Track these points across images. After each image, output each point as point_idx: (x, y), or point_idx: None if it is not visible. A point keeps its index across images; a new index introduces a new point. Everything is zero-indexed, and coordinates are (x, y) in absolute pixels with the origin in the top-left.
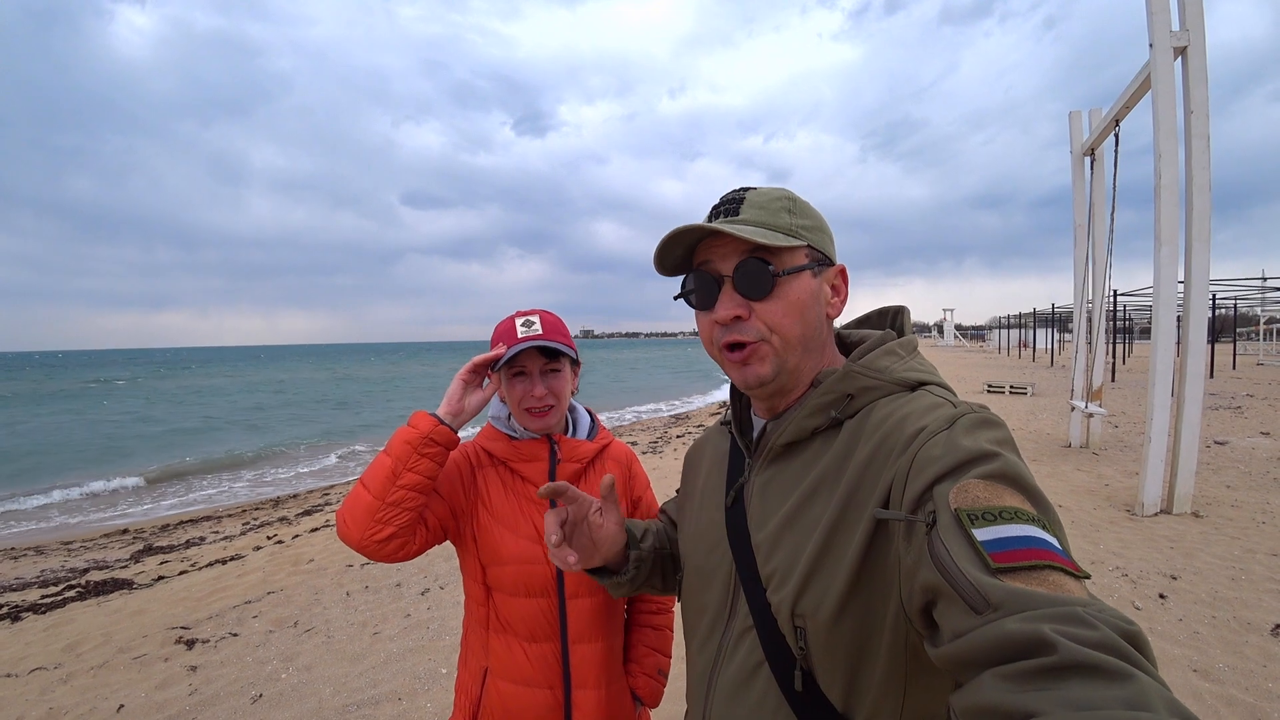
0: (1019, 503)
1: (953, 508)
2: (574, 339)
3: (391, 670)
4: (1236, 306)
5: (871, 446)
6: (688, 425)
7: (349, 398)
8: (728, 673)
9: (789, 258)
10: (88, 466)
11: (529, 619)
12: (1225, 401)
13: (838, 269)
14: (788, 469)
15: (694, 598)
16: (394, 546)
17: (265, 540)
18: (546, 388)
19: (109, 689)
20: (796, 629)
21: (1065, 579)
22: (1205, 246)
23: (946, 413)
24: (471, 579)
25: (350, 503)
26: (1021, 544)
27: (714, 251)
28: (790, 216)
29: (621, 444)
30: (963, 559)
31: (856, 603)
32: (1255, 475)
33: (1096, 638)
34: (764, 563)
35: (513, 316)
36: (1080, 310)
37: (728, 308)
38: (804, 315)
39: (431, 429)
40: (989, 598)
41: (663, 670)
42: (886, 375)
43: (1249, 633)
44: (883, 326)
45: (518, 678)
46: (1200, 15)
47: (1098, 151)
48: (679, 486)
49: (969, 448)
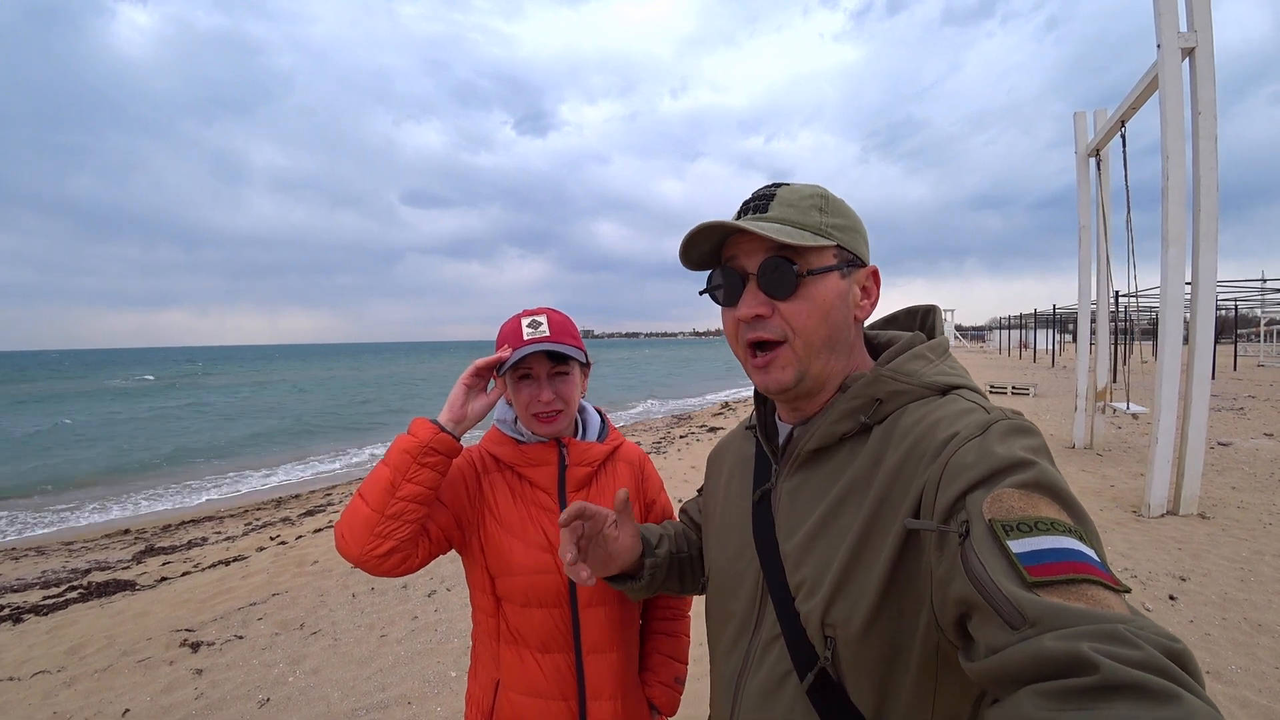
0: (1055, 513)
1: (987, 518)
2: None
3: (400, 673)
4: (1237, 308)
5: (902, 453)
6: (690, 425)
7: (418, 391)
8: (755, 680)
9: (815, 257)
10: (280, 451)
11: (541, 630)
12: (1227, 403)
13: (869, 270)
14: (815, 476)
15: (720, 604)
16: (395, 561)
17: (268, 541)
18: (554, 392)
19: (114, 693)
20: (826, 639)
21: (1105, 593)
22: (1212, 247)
23: (979, 418)
24: (479, 590)
25: (348, 516)
26: (1059, 557)
27: (740, 248)
28: (821, 215)
29: (633, 445)
30: (997, 572)
31: (887, 613)
32: (1260, 477)
33: (1140, 657)
34: (792, 572)
35: (519, 316)
36: (1085, 310)
37: (751, 305)
38: (828, 316)
39: (432, 437)
40: (1025, 613)
41: (679, 679)
42: (916, 379)
43: (1260, 634)
44: (911, 327)
45: (531, 689)
46: (1208, 16)
47: (1103, 152)
48: (700, 486)
49: (1003, 455)
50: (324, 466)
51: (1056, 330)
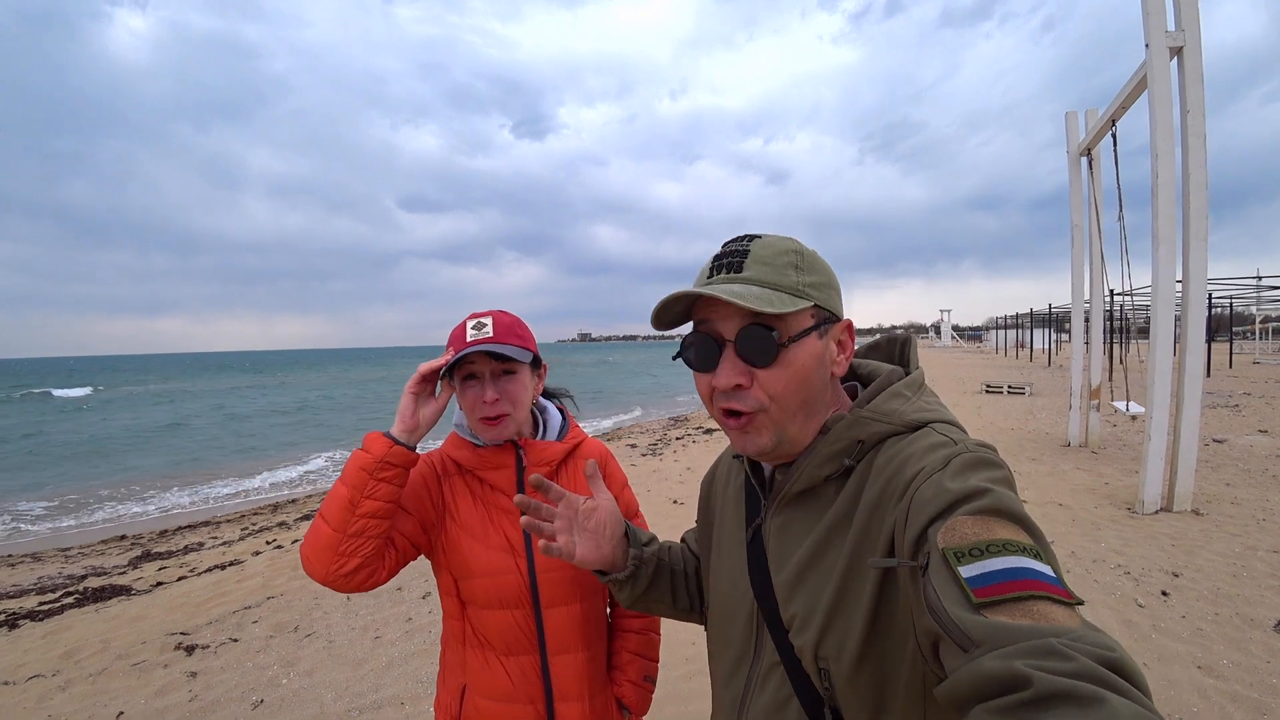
0: (1010, 534)
1: (940, 548)
2: (571, 341)
3: (394, 675)
4: (1232, 305)
5: (876, 491)
6: (687, 427)
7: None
8: (759, 704)
9: (794, 322)
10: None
11: (505, 632)
12: (1223, 400)
13: (844, 325)
14: (801, 513)
15: (719, 631)
16: (362, 577)
17: (264, 545)
18: (499, 392)
19: (108, 696)
20: (821, 670)
21: (1052, 607)
22: (1203, 245)
23: (943, 453)
24: (446, 594)
25: (311, 538)
26: (1007, 576)
27: (716, 311)
28: (797, 274)
29: (596, 442)
30: (949, 599)
31: (876, 646)
32: (1254, 473)
33: (1072, 668)
34: (784, 606)
35: (466, 319)
36: (1078, 309)
37: (729, 375)
38: (807, 382)
39: (386, 451)
40: (971, 635)
41: (649, 676)
42: (895, 419)
43: (1252, 629)
44: (890, 355)
45: (497, 694)
46: (1196, 15)
47: (1094, 152)
48: (697, 517)
49: (958, 489)
50: (323, 467)
51: (1052, 329)
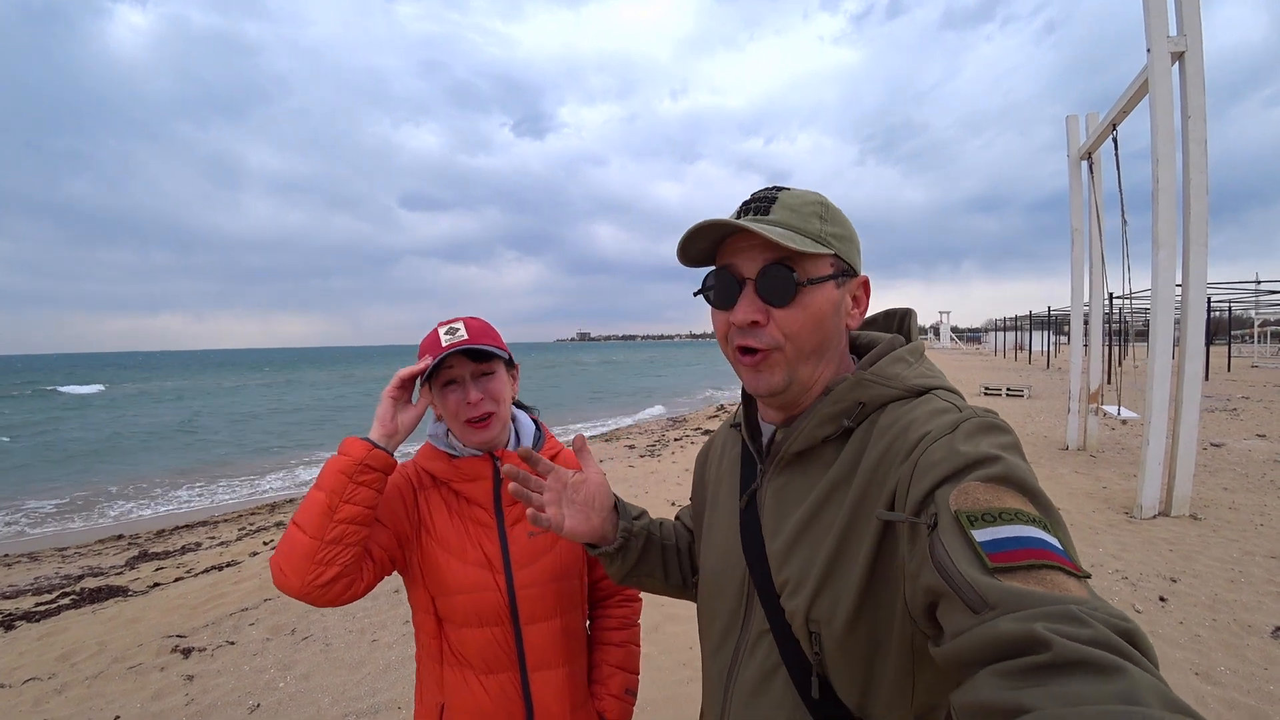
0: (1020, 504)
1: (953, 509)
2: (571, 341)
3: (391, 678)
4: (1231, 309)
5: (878, 452)
6: (685, 428)
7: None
8: (746, 673)
9: (814, 266)
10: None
11: (484, 649)
12: (1221, 404)
13: (860, 280)
14: (799, 476)
15: (709, 602)
16: (340, 588)
17: (262, 546)
18: (482, 392)
19: (104, 699)
20: (811, 634)
21: (1064, 578)
22: (1202, 250)
23: (950, 418)
24: (421, 610)
25: (285, 548)
26: (1020, 544)
27: (739, 251)
28: (821, 223)
29: (572, 452)
30: (962, 560)
31: (868, 608)
32: (1252, 477)
33: (1091, 635)
34: (778, 571)
35: (436, 327)
36: (1078, 312)
37: (746, 311)
38: (821, 325)
39: (366, 454)
40: (986, 597)
41: (630, 689)
42: (897, 383)
43: (1249, 635)
44: (890, 328)
45: (476, 712)
46: (1198, 20)
47: (1095, 155)
48: (691, 492)
49: (970, 452)
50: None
51: (1052, 332)
